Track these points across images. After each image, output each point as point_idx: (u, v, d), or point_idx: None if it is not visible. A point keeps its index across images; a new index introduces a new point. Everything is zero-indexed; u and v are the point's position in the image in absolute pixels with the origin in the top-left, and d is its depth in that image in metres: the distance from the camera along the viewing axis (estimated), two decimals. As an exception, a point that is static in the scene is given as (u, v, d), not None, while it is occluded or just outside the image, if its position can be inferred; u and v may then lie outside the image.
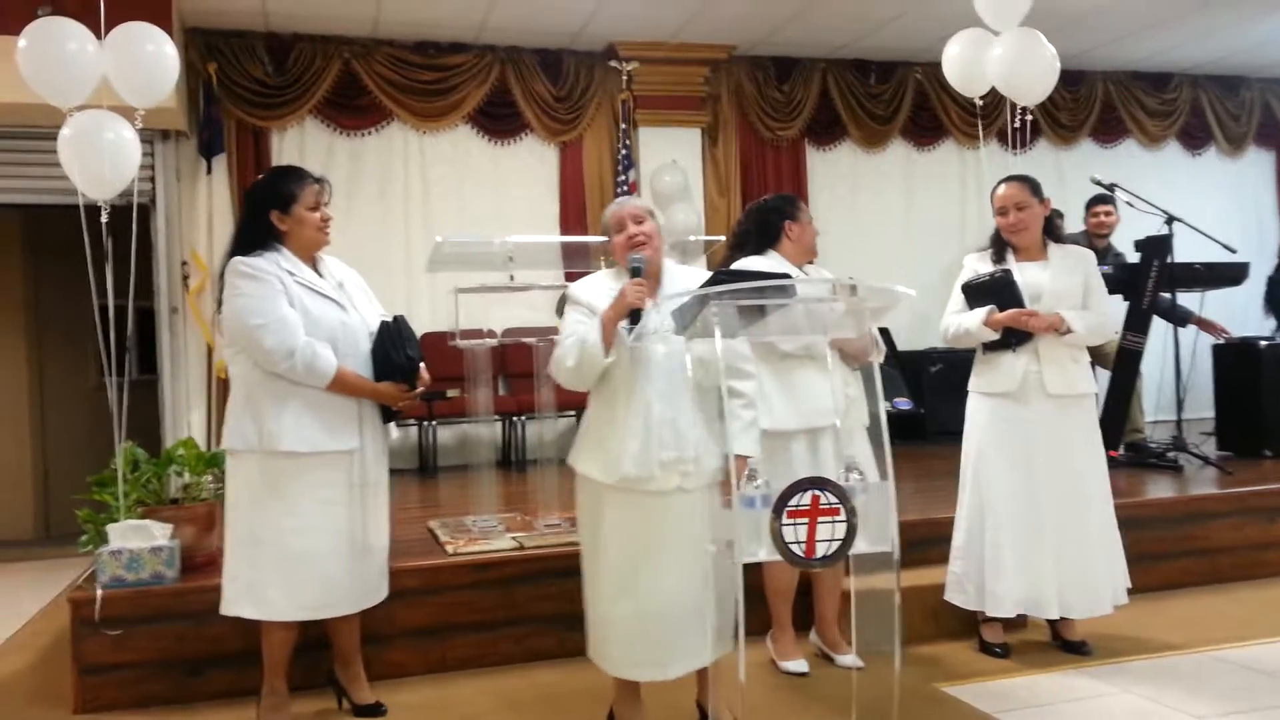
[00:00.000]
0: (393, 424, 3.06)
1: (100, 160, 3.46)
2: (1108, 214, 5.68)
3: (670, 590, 2.61)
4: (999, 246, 3.51)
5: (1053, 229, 3.53)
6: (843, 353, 3.23)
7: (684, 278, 2.76)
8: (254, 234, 2.92)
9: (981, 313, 3.37)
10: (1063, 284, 3.41)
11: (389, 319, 2.99)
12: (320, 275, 2.99)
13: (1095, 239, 5.71)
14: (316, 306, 2.88)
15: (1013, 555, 3.32)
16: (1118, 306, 5.70)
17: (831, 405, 3.09)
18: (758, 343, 2.93)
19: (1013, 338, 3.37)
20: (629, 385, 2.64)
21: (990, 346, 3.43)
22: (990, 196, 3.55)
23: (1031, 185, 3.46)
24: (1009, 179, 3.51)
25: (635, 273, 2.65)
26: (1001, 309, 3.34)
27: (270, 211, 2.91)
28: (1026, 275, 3.41)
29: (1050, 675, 3.25)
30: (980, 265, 3.51)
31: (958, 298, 3.49)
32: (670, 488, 2.61)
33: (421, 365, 3.01)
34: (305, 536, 2.83)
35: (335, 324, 2.88)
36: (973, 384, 3.52)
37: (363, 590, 2.97)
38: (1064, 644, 3.48)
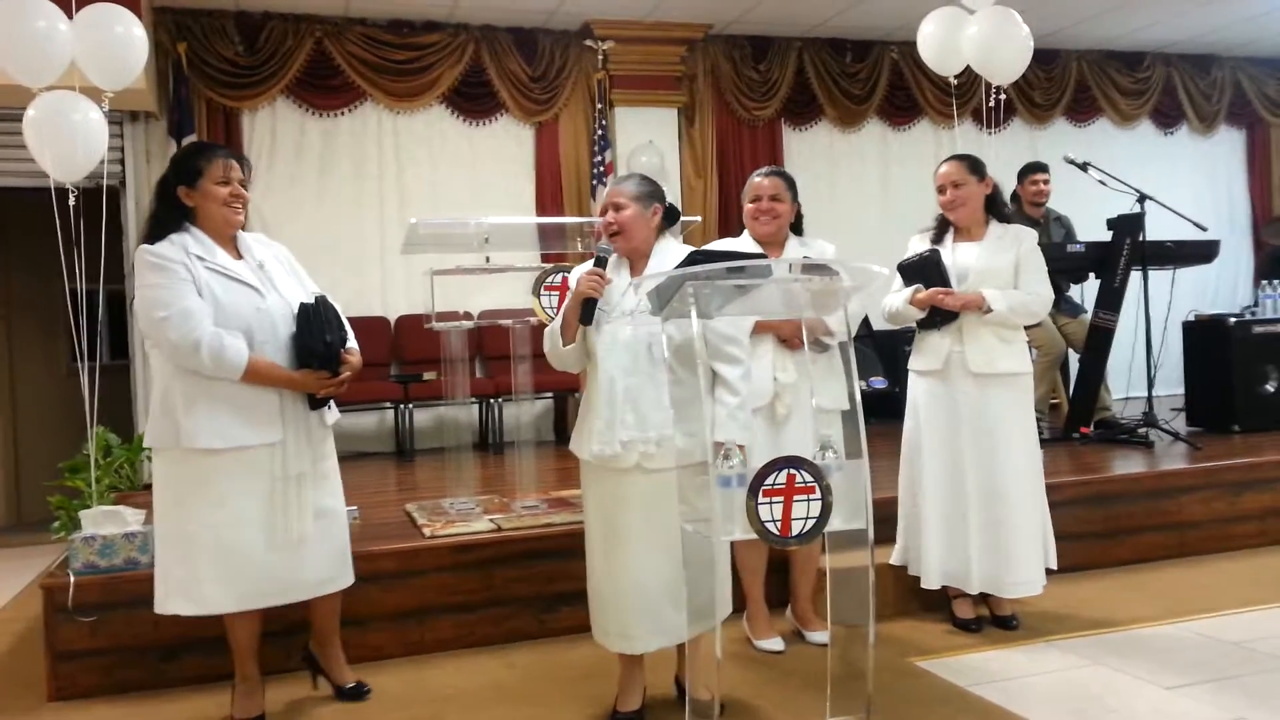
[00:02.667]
0: (328, 409, 2.89)
1: (66, 142, 3.41)
2: (1045, 182, 5.71)
3: (635, 567, 2.65)
4: (941, 226, 3.55)
5: (997, 207, 3.54)
6: (780, 337, 3.22)
7: (675, 256, 2.72)
8: (164, 215, 2.78)
9: (907, 292, 3.42)
10: (990, 263, 3.42)
11: (309, 301, 2.81)
12: (240, 257, 2.84)
13: (1031, 207, 5.73)
14: (228, 293, 2.72)
15: (937, 529, 3.39)
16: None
17: (759, 389, 3.11)
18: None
19: (938, 317, 3.41)
20: (597, 366, 2.72)
21: (922, 325, 3.49)
22: (933, 176, 3.56)
23: (970, 164, 3.48)
24: (949, 158, 3.54)
25: (598, 262, 2.69)
26: (928, 288, 3.38)
27: (178, 188, 2.77)
28: (960, 255, 3.45)
29: (1022, 649, 3.30)
30: (921, 245, 3.55)
31: (898, 277, 3.52)
32: (629, 465, 2.65)
33: (352, 347, 2.87)
34: (237, 529, 2.72)
35: (249, 311, 2.73)
36: (910, 362, 3.58)
37: (303, 580, 2.82)
38: (994, 619, 3.52)
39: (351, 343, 2.90)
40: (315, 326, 2.76)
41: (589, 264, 2.83)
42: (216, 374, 2.66)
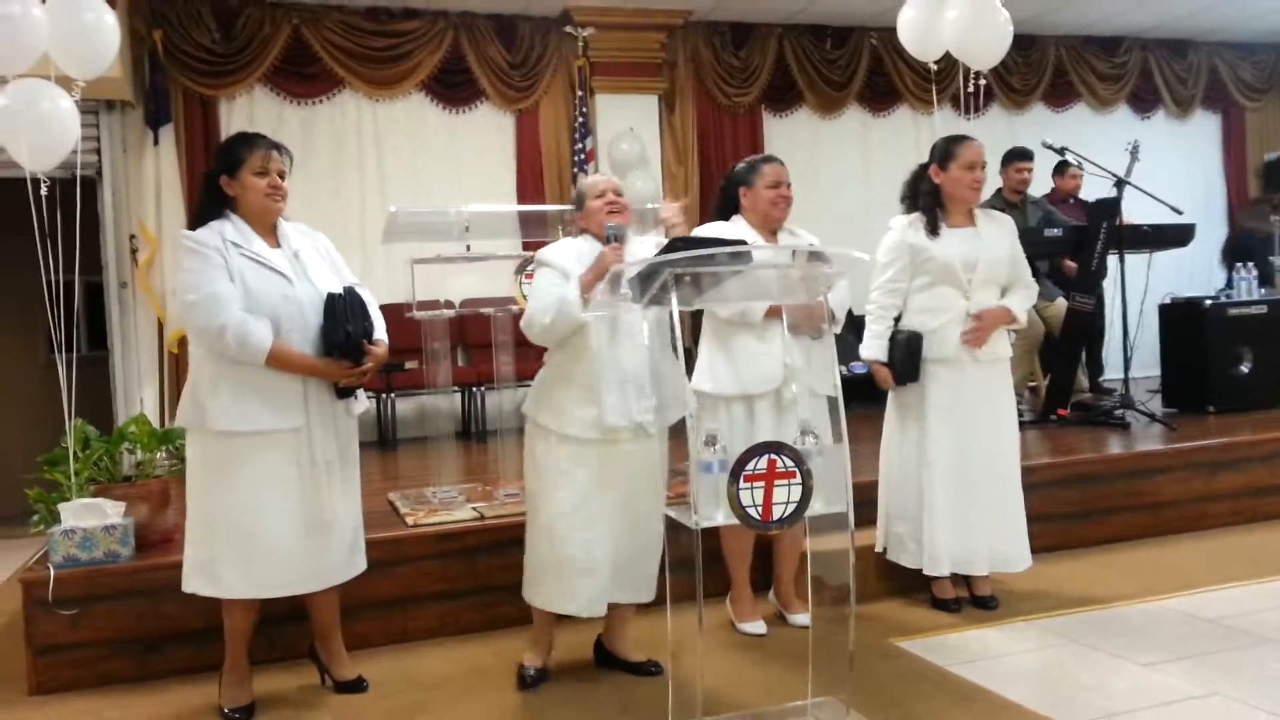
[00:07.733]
0: (355, 398, 2.94)
1: (36, 131, 3.37)
2: (1029, 170, 5.73)
3: (645, 525, 2.87)
4: (931, 212, 3.47)
5: None
6: (791, 323, 3.23)
7: (640, 248, 2.92)
8: (207, 203, 2.86)
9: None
10: (995, 253, 3.45)
11: (338, 292, 2.86)
12: (278, 245, 2.88)
13: (1012, 194, 5.75)
14: (259, 280, 2.76)
15: (946, 515, 3.41)
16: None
17: (770, 373, 3.17)
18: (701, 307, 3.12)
19: (909, 377, 3.44)
20: (600, 343, 2.84)
21: (900, 381, 3.48)
22: (944, 152, 3.47)
23: None
24: (968, 137, 3.50)
25: (615, 238, 2.85)
26: (895, 370, 3.43)
27: (220, 177, 2.84)
28: (961, 243, 3.43)
29: (1001, 628, 3.34)
30: (911, 234, 3.46)
31: (880, 267, 3.50)
32: (633, 434, 2.85)
33: (379, 339, 2.91)
34: (255, 515, 2.74)
35: (277, 298, 2.76)
36: None
37: (324, 569, 2.87)
38: (973, 599, 3.55)
39: (380, 334, 2.94)
40: (339, 317, 2.79)
41: (564, 243, 2.99)
42: (241, 358, 2.71)
